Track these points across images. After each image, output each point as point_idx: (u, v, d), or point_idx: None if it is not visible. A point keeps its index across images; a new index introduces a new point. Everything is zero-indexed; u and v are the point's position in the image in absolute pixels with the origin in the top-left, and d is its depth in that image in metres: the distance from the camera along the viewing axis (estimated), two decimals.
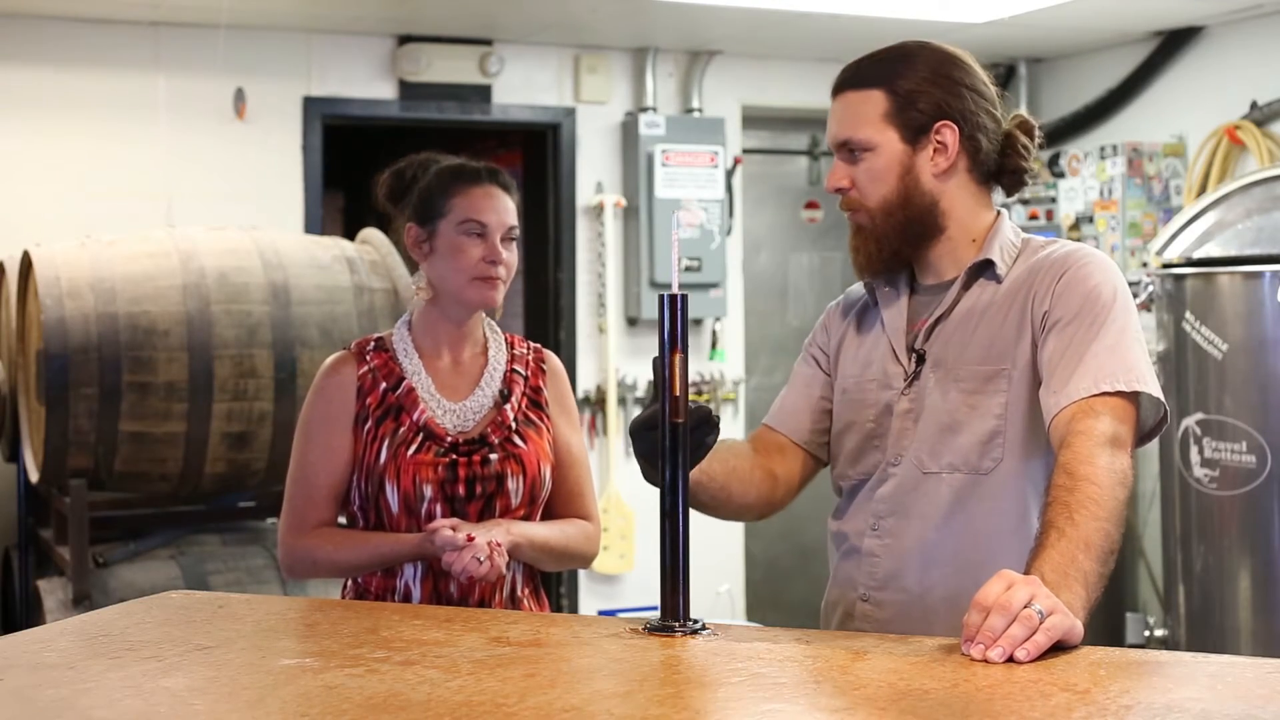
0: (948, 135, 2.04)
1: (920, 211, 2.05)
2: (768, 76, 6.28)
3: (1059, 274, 1.99)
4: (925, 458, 2.03)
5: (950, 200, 2.07)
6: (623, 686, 1.52)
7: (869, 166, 2.05)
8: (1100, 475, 1.77)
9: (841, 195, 2.09)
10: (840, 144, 2.08)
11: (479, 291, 2.40)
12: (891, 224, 2.05)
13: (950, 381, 2.02)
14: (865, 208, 2.06)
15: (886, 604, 2.05)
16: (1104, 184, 5.78)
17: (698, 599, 1.81)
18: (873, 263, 2.08)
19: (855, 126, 2.05)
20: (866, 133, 2.04)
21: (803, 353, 2.28)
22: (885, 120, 2.04)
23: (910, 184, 2.05)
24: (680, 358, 1.77)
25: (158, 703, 1.44)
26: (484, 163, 2.48)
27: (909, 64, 2.06)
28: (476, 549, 2.24)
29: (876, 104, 2.05)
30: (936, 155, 2.05)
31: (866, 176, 2.05)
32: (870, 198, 2.05)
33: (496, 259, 2.38)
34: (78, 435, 4.14)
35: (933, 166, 2.05)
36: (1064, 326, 1.95)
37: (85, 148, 5.30)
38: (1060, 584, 1.64)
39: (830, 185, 2.10)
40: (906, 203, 2.05)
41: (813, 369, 2.24)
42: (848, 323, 2.22)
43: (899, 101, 2.04)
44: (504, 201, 2.42)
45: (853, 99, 2.07)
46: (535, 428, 2.46)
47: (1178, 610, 4.56)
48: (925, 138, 2.04)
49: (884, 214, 2.05)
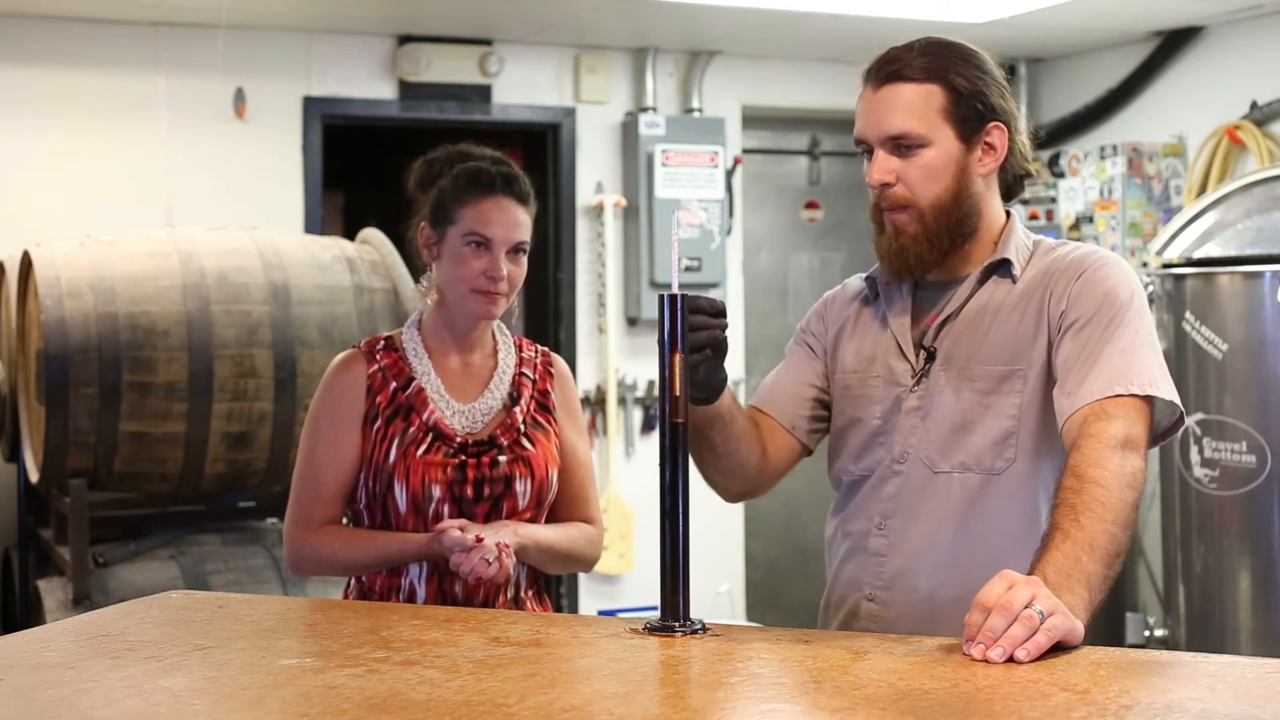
0: (997, 136, 2.02)
1: (967, 213, 2.02)
2: (768, 76, 6.28)
3: (1076, 274, 1.98)
4: (936, 457, 2.02)
5: (986, 203, 2.05)
6: (623, 686, 1.52)
7: (925, 163, 1.99)
8: (1108, 478, 1.76)
9: (883, 190, 2.02)
10: (890, 137, 2.00)
11: (477, 304, 2.39)
12: (943, 224, 2.01)
13: (963, 381, 2.01)
14: (915, 205, 2.00)
15: (893, 604, 2.04)
16: (1104, 184, 5.78)
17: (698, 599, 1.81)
18: (923, 264, 2.03)
19: (910, 120, 1.98)
20: (923, 127, 1.98)
21: (794, 339, 2.25)
22: (943, 116, 1.99)
23: (964, 183, 2.01)
24: (680, 358, 1.77)
25: (158, 703, 1.44)
26: (505, 168, 2.43)
27: (965, 61, 2.02)
28: (485, 550, 2.24)
29: (935, 98, 1.99)
30: (985, 156, 2.02)
31: (920, 173, 1.99)
32: (923, 195, 2.00)
33: (497, 275, 2.36)
34: (78, 435, 4.14)
35: (981, 167, 2.02)
36: (1080, 328, 1.94)
37: (85, 148, 5.30)
38: (1063, 585, 1.64)
39: (875, 179, 2.01)
40: (958, 203, 2.01)
41: (806, 356, 2.21)
42: (846, 315, 2.19)
43: (958, 98, 1.99)
44: (514, 214, 2.39)
45: (907, 91, 1.99)
46: (543, 431, 2.46)
47: (1178, 610, 4.56)
48: (977, 137, 2.01)
49: (936, 213, 2.00)
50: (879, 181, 2.01)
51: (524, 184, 2.44)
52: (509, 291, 2.40)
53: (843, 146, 6.78)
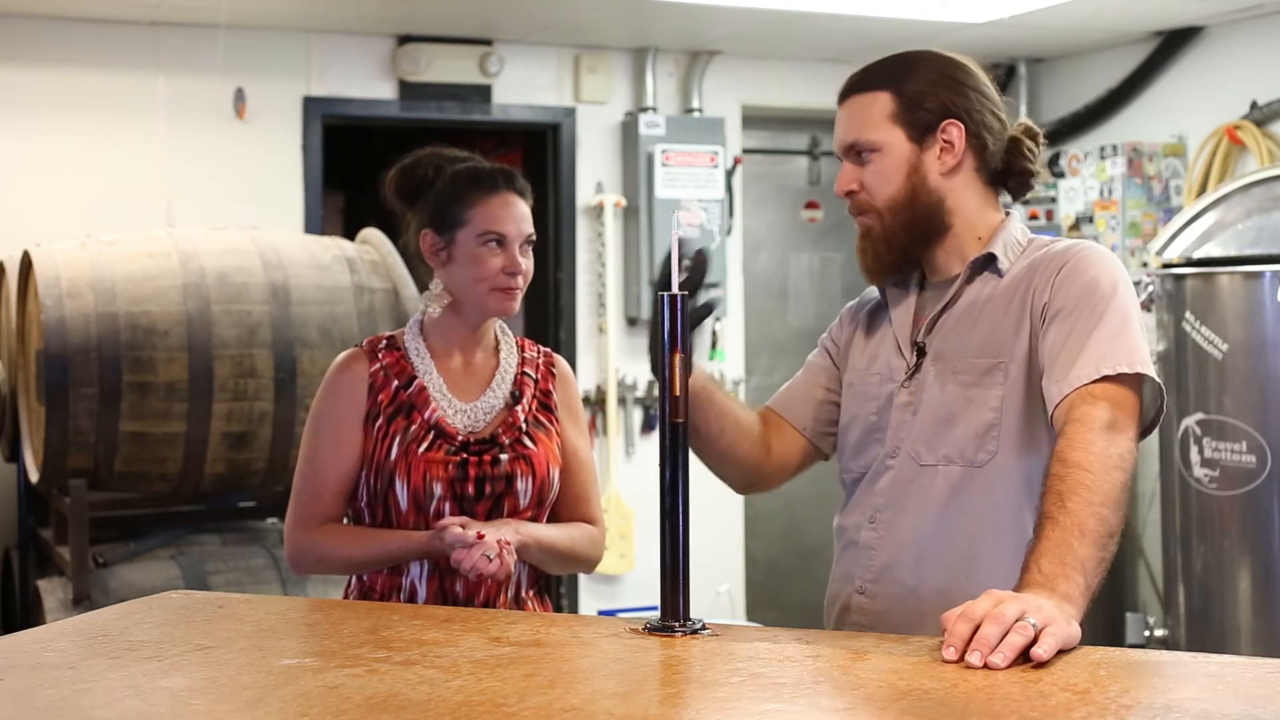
0: (954, 133, 2.06)
1: (927, 209, 2.06)
2: (768, 76, 6.28)
3: (1058, 266, 2.00)
4: (923, 450, 2.04)
5: (956, 198, 2.08)
6: (623, 686, 1.52)
7: (876, 167, 2.06)
8: (1092, 461, 1.77)
9: (850, 199, 2.10)
10: (848, 147, 2.09)
11: (499, 301, 2.41)
12: (899, 222, 2.06)
13: (949, 374, 2.04)
14: (874, 208, 2.07)
15: (881, 596, 2.06)
16: (1104, 184, 5.78)
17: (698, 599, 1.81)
18: (880, 264, 2.10)
19: (862, 128, 2.07)
20: (873, 134, 2.06)
21: (818, 345, 2.31)
22: (891, 120, 2.06)
23: (917, 182, 2.06)
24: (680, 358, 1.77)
25: (158, 703, 1.44)
26: (498, 165, 2.46)
27: (914, 67, 2.08)
28: (486, 546, 2.24)
29: (883, 105, 2.06)
30: (944, 154, 2.06)
31: (874, 177, 2.06)
32: (878, 197, 2.06)
33: (516, 269, 2.39)
34: (78, 435, 4.14)
35: (940, 165, 2.06)
36: (1064, 317, 1.95)
37: (85, 148, 5.30)
38: (1057, 574, 1.64)
39: (839, 189, 2.10)
40: (914, 200, 2.06)
41: (823, 360, 2.27)
42: (859, 320, 2.24)
43: (905, 101, 2.05)
44: (521, 209, 2.42)
45: (859, 102, 2.08)
46: (545, 430, 2.46)
47: (1178, 610, 4.56)
48: (932, 136, 2.06)
49: (891, 213, 2.06)
50: (842, 191, 2.11)
51: (521, 178, 2.47)
52: (523, 285, 2.43)
53: None
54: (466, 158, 2.48)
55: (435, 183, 2.44)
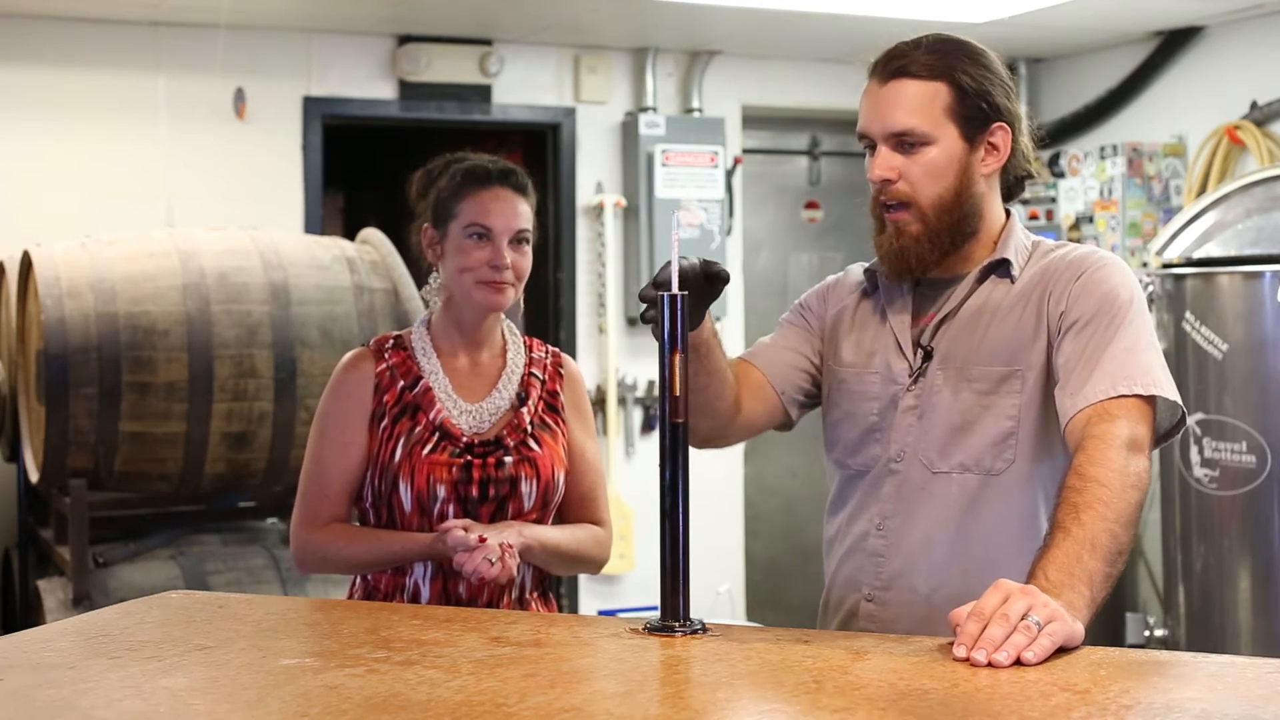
0: (1001, 137, 2.02)
1: (968, 212, 2.02)
2: (768, 76, 6.28)
3: (1076, 275, 1.98)
4: (935, 457, 2.02)
5: (987, 203, 2.05)
6: (623, 686, 1.52)
7: (928, 160, 1.99)
8: (1111, 477, 1.76)
9: (884, 186, 2.01)
10: (894, 134, 1.99)
11: (484, 295, 2.39)
12: (944, 224, 2.01)
13: (962, 381, 2.01)
14: (916, 204, 2.00)
15: (892, 604, 2.04)
16: (1104, 184, 5.78)
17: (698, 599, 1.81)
18: (924, 264, 2.03)
19: (914, 116, 1.98)
20: (927, 125, 1.98)
21: (792, 311, 2.23)
22: (947, 114, 1.99)
23: (966, 183, 2.00)
24: (680, 358, 1.77)
25: (158, 703, 1.44)
26: (501, 163, 2.45)
27: (973, 60, 2.02)
28: (488, 550, 2.24)
29: (940, 96, 1.99)
30: (988, 156, 2.02)
31: (923, 170, 1.99)
32: (924, 193, 1.99)
33: (500, 263, 2.37)
34: (78, 435, 4.14)
35: (984, 167, 2.02)
36: (1081, 328, 1.94)
37: (85, 148, 5.30)
38: (1064, 583, 1.64)
39: (877, 175, 2.00)
40: (960, 202, 2.00)
41: (804, 330, 2.19)
42: (846, 304, 2.18)
43: (964, 97, 1.99)
44: (513, 204, 2.41)
45: (913, 88, 1.99)
46: (551, 432, 2.46)
47: (1178, 610, 4.56)
48: (980, 137, 2.01)
49: (938, 213, 2.00)
50: (880, 177, 2.00)
51: (521, 176, 2.45)
52: (516, 281, 2.41)
53: (843, 146, 6.78)
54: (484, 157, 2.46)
55: (440, 179, 2.45)
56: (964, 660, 1.53)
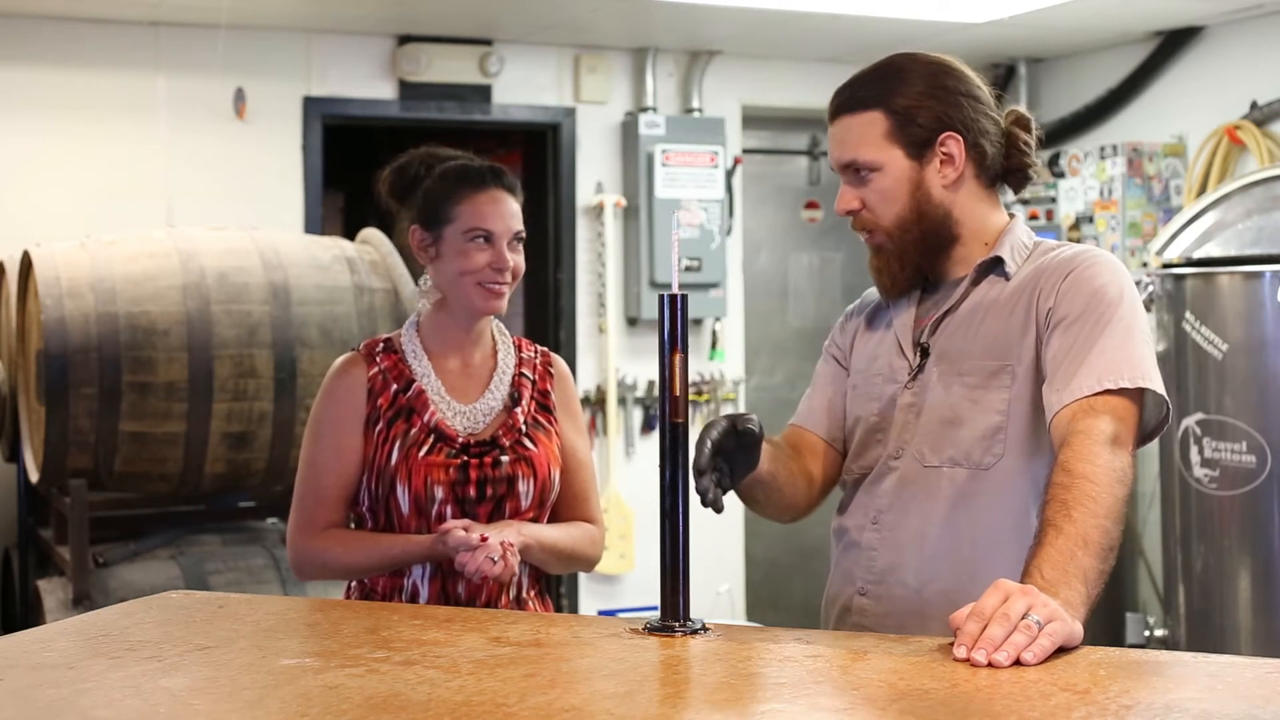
0: (952, 146, 2.04)
1: (935, 224, 2.06)
2: (768, 76, 6.28)
3: (1065, 272, 1.99)
4: (927, 451, 2.04)
5: (961, 208, 2.07)
6: (623, 686, 1.52)
7: (878, 187, 2.05)
8: (1098, 473, 1.78)
9: (853, 217, 2.09)
10: (845, 166, 2.07)
11: (484, 298, 2.40)
12: (909, 240, 2.06)
13: (954, 376, 2.03)
14: (880, 227, 2.07)
15: (884, 598, 2.06)
16: (1104, 184, 5.78)
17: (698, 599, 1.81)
18: (898, 282, 2.10)
19: (858, 148, 2.05)
20: (870, 153, 2.04)
21: (823, 354, 2.30)
22: (887, 139, 2.04)
23: (922, 199, 2.05)
24: (680, 358, 1.77)
25: (158, 703, 1.44)
26: (488, 163, 2.46)
27: (902, 80, 2.06)
28: (490, 549, 2.24)
29: (877, 124, 2.04)
30: (944, 167, 2.05)
31: (877, 197, 2.06)
32: (884, 217, 2.06)
33: (503, 266, 2.38)
34: (78, 435, 4.14)
35: (941, 178, 2.05)
36: (1069, 324, 1.95)
37: (85, 148, 5.30)
38: (1060, 581, 1.65)
39: (840, 209, 2.09)
40: (921, 218, 2.05)
41: (833, 367, 2.26)
42: (860, 321, 2.23)
43: (898, 119, 2.04)
44: (509, 206, 2.42)
45: (851, 122, 2.07)
46: (545, 430, 2.46)
47: (1178, 610, 4.56)
48: (930, 151, 2.04)
49: (900, 231, 2.06)
50: (843, 210, 2.10)
51: (510, 175, 2.47)
52: (513, 281, 2.42)
53: None
54: (458, 156, 2.48)
55: (424, 180, 2.44)
56: (964, 660, 1.53)
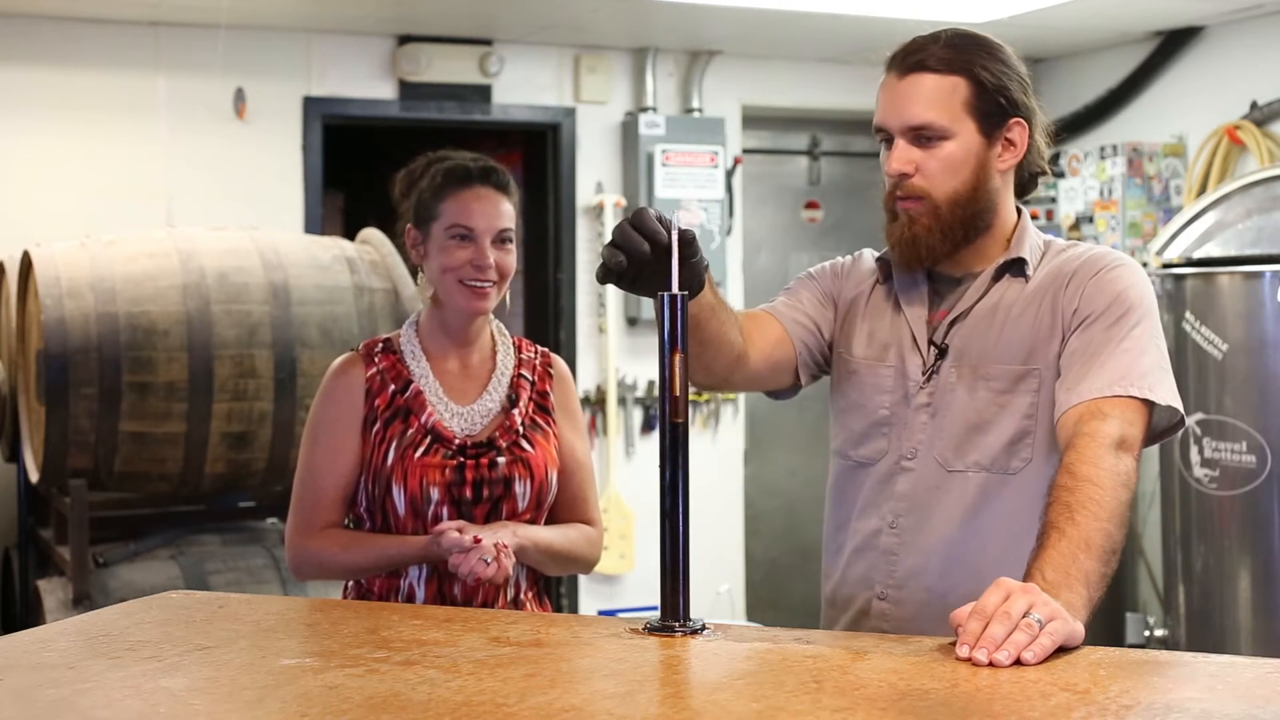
0: (1018, 133, 2.02)
1: (983, 208, 2.01)
2: (768, 76, 6.28)
3: (1091, 274, 1.98)
4: (950, 455, 2.02)
5: (1001, 198, 2.04)
6: (623, 686, 1.52)
7: (945, 155, 1.98)
8: (1102, 477, 1.77)
9: (901, 180, 2.00)
10: (912, 128, 1.98)
11: (466, 297, 2.38)
12: (958, 218, 2.00)
13: (978, 380, 2.01)
14: (930, 197, 1.99)
15: (906, 603, 2.04)
16: (1104, 184, 5.78)
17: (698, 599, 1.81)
18: (934, 255, 2.02)
19: (935, 111, 1.97)
20: (946, 119, 1.97)
21: (806, 277, 2.22)
22: (966, 109, 1.98)
23: (982, 179, 2.00)
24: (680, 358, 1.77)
25: (158, 703, 1.44)
26: (482, 162, 2.45)
27: (991, 55, 2.01)
28: (483, 551, 2.23)
29: (959, 90, 1.98)
30: (1005, 152, 2.01)
31: (939, 165, 1.98)
32: (940, 188, 1.99)
33: (483, 264, 2.36)
34: (78, 435, 4.14)
35: (1000, 163, 2.02)
36: (1088, 325, 1.94)
37: (85, 148, 5.30)
38: (1061, 583, 1.64)
39: (893, 170, 2.00)
40: (975, 197, 2.00)
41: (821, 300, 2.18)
42: (861, 290, 2.17)
43: (982, 92, 1.98)
44: (495, 204, 2.39)
45: (930, 82, 1.98)
46: (542, 432, 2.46)
47: (1178, 610, 4.56)
48: (999, 132, 2.00)
49: (951, 206, 1.99)
50: (898, 171, 2.00)
51: (503, 174, 2.44)
52: (499, 281, 2.40)
53: (843, 146, 6.78)
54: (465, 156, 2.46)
55: (422, 179, 2.44)
56: (966, 660, 1.53)
